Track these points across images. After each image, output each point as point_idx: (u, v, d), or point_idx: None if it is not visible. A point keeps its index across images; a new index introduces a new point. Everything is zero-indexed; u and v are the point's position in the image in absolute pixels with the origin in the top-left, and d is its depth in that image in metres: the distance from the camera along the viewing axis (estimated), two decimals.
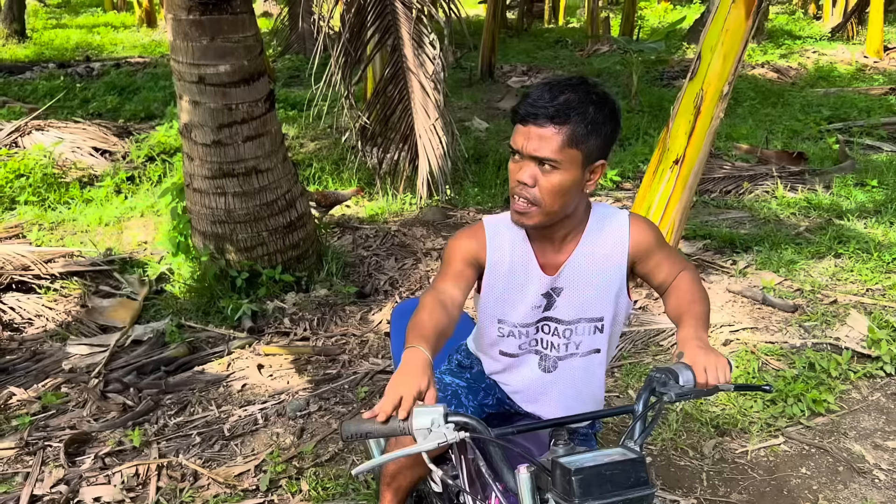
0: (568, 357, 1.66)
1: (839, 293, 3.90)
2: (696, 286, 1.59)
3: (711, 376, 1.35)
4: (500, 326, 1.67)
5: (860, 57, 12.15)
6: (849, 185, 5.61)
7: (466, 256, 1.62)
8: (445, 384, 1.83)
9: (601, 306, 1.62)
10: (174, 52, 3.52)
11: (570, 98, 1.44)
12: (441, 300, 1.54)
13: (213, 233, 3.84)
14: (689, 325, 1.47)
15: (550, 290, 1.61)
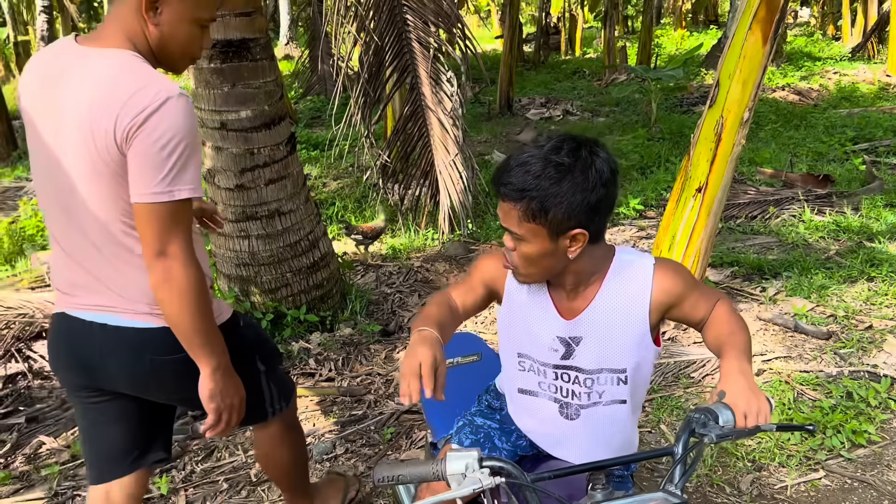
0: (591, 406, 1.62)
1: (874, 318, 3.80)
2: (732, 316, 1.55)
3: (751, 419, 1.30)
4: (521, 360, 1.66)
5: (882, 76, 12.05)
6: (878, 206, 5.51)
7: (486, 277, 1.66)
8: (477, 426, 1.79)
9: (623, 357, 1.58)
10: (196, 99, 3.59)
11: (526, 174, 1.41)
12: (449, 301, 1.61)
13: (237, 275, 3.86)
14: (731, 356, 1.42)
15: (569, 339, 1.58)
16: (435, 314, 1.51)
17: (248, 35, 3.48)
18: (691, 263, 3.79)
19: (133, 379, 1.73)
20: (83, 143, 1.52)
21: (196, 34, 1.63)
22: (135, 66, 1.54)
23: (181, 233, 1.54)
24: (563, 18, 20.36)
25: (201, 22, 1.63)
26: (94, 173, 1.54)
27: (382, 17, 5.15)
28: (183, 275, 1.55)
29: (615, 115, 10.24)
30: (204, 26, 1.64)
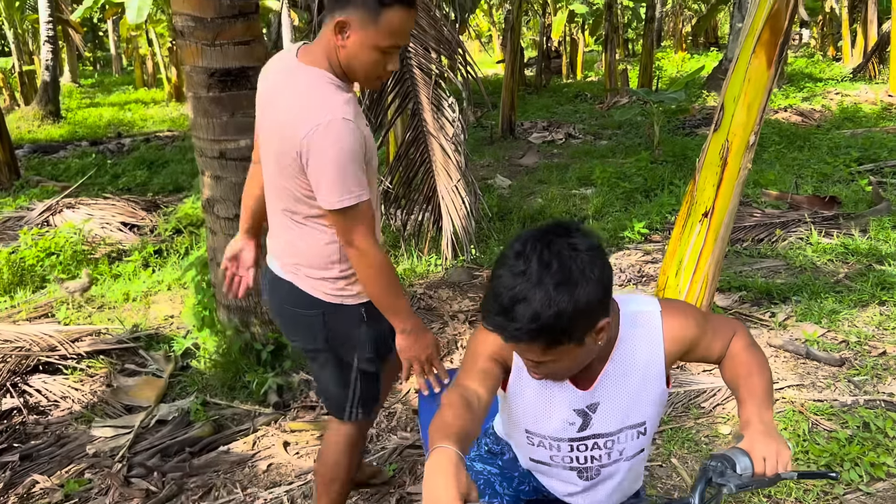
0: (612, 464, 1.54)
1: (888, 344, 3.71)
2: (750, 353, 1.48)
3: (770, 466, 1.24)
4: (529, 437, 1.54)
5: (884, 96, 12.04)
6: (886, 227, 5.44)
7: (493, 354, 1.48)
8: (477, 472, 1.71)
9: (642, 412, 1.50)
10: (195, 128, 3.56)
11: (530, 308, 1.23)
12: (467, 398, 1.39)
13: (237, 306, 3.80)
14: (750, 404, 1.36)
15: (586, 409, 1.48)
16: (454, 422, 1.31)
17: (247, 64, 3.46)
18: (699, 289, 3.72)
19: (285, 327, 2.25)
20: (278, 142, 1.88)
21: (378, 59, 1.83)
22: (320, 85, 1.85)
23: (360, 228, 1.87)
24: (563, 42, 20.49)
25: (382, 49, 1.81)
26: (281, 167, 1.91)
27: None
28: (363, 261, 1.90)
29: (618, 138, 10.23)
30: (386, 52, 1.82)
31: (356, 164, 1.82)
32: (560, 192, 7.32)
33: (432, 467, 1.20)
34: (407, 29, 1.81)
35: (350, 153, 1.80)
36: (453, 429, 1.28)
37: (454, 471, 1.18)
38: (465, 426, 1.31)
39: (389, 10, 1.74)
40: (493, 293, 1.27)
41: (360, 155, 1.83)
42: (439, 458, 1.20)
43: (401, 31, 1.79)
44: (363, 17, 1.76)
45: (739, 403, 1.39)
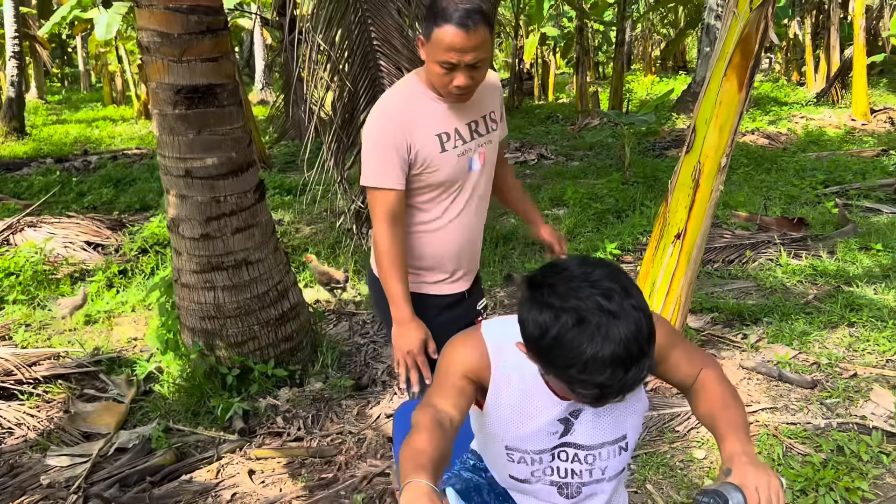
0: (593, 483, 1.49)
1: (858, 365, 3.72)
2: (722, 387, 1.44)
3: (764, 498, 1.20)
4: (510, 453, 1.48)
5: (848, 120, 12.31)
6: (853, 249, 5.50)
7: (467, 371, 1.43)
8: (465, 479, 1.64)
9: (623, 423, 1.46)
10: (160, 146, 3.47)
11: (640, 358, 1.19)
12: (438, 420, 1.34)
13: (202, 329, 3.69)
14: (732, 437, 1.32)
15: (569, 416, 1.43)
16: (426, 448, 1.26)
17: (214, 81, 3.39)
18: (672, 310, 3.70)
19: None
20: None
21: (439, 72, 1.97)
22: (400, 83, 2.18)
23: (376, 211, 2.07)
24: (535, 65, 20.69)
25: (439, 62, 1.95)
26: None
27: (356, 63, 5.10)
28: (374, 243, 2.12)
29: (589, 159, 10.29)
30: (444, 67, 1.95)
31: (380, 150, 2.05)
32: None
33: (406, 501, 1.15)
34: (456, 46, 1.91)
35: (375, 138, 2.06)
36: (425, 457, 1.23)
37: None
38: (437, 451, 1.27)
39: (438, 29, 1.91)
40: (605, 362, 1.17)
41: (389, 145, 2.04)
42: (414, 492, 1.16)
43: (449, 48, 1.91)
44: (426, 34, 1.97)
45: (720, 438, 1.35)
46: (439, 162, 2.10)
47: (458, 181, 2.16)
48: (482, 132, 2.19)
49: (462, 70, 1.95)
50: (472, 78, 1.99)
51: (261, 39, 20.38)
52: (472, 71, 1.97)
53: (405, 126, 2.05)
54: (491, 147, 2.24)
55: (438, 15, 1.92)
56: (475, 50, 1.92)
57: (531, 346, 1.26)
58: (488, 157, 2.22)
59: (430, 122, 2.08)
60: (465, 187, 2.18)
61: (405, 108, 2.08)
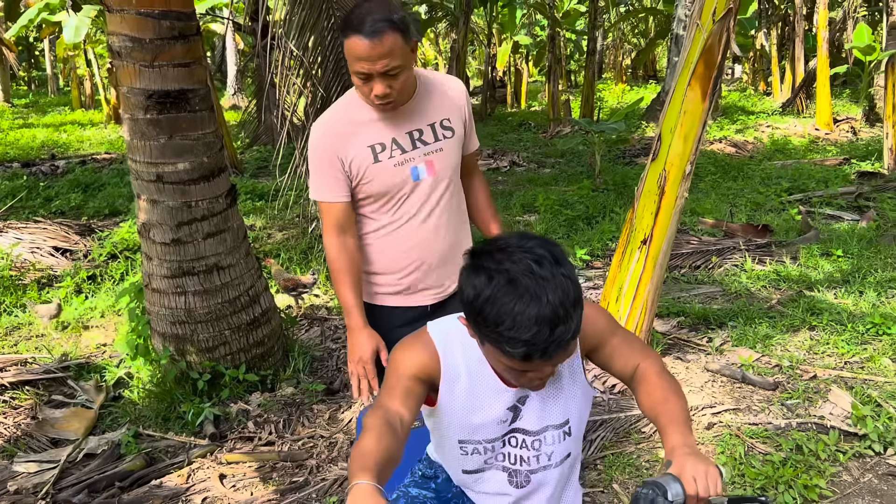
0: (541, 470, 1.54)
1: (818, 368, 3.83)
2: (664, 380, 1.48)
3: (701, 485, 1.25)
4: (463, 446, 1.53)
5: (812, 129, 12.60)
6: (815, 255, 5.65)
7: (417, 372, 1.47)
8: (412, 497, 1.69)
9: (566, 408, 1.51)
10: (131, 151, 3.46)
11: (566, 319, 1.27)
12: (389, 421, 1.38)
13: (172, 334, 3.68)
14: (673, 430, 1.37)
15: (517, 402, 1.49)
16: (374, 450, 1.29)
17: (186, 86, 3.40)
18: (639, 314, 3.78)
19: None
20: None
21: (358, 83, 2.00)
22: (340, 98, 2.19)
23: (324, 223, 2.15)
24: (508, 73, 20.86)
25: (357, 75, 1.97)
26: None
27: (328, 68, 5.13)
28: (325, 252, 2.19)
29: (560, 167, 10.40)
30: (359, 77, 1.97)
31: (318, 165, 2.13)
32: (504, 218, 7.38)
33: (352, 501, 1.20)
34: (362, 55, 1.91)
35: (312, 154, 2.14)
36: (371, 458, 1.28)
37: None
38: (385, 452, 1.30)
39: (347, 40, 1.93)
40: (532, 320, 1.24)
41: (323, 159, 2.11)
42: (359, 494, 1.21)
43: (358, 58, 1.92)
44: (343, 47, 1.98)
45: (661, 431, 1.40)
46: (373, 173, 2.10)
47: (398, 191, 2.14)
48: (427, 140, 2.16)
49: (377, 79, 1.95)
50: (391, 87, 1.97)
51: (233, 44, 20.27)
52: (388, 80, 1.96)
53: (336, 140, 2.09)
54: (442, 156, 2.19)
55: (346, 26, 1.93)
56: (384, 58, 1.91)
57: (467, 310, 1.33)
58: (441, 166, 2.18)
59: (363, 134, 2.10)
60: (412, 198, 2.16)
61: (338, 123, 2.11)
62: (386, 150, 2.11)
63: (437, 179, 2.18)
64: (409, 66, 2.01)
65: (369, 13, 1.91)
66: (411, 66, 2.03)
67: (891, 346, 4.00)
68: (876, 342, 4.10)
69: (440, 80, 2.25)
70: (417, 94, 2.14)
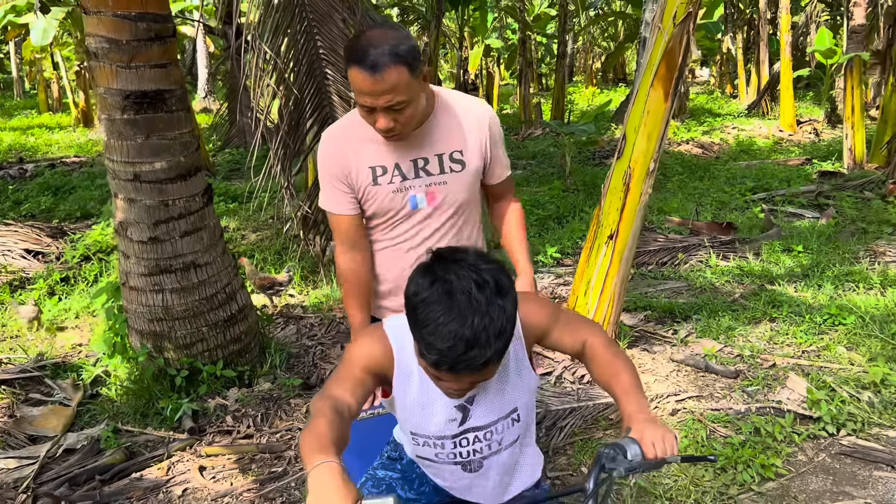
0: (492, 455, 1.63)
1: (777, 356, 4.00)
2: (611, 352, 1.58)
3: (659, 449, 1.37)
4: (415, 437, 1.61)
5: (776, 131, 12.93)
6: (777, 251, 5.85)
7: (370, 365, 1.53)
8: (379, 479, 1.78)
9: (514, 399, 1.60)
10: (108, 151, 3.51)
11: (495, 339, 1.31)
12: (337, 408, 1.42)
13: (150, 331, 3.73)
14: (628, 399, 1.48)
15: (465, 402, 1.56)
16: (328, 432, 1.33)
17: (163, 86, 3.46)
18: (606, 307, 3.91)
19: None
20: None
21: (362, 113, 1.92)
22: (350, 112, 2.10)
23: (334, 236, 2.13)
24: (480, 75, 21.03)
25: (361, 106, 1.88)
26: None
27: (302, 71, 5.20)
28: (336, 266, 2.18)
29: (532, 168, 10.56)
30: (366, 110, 1.87)
31: (325, 177, 2.08)
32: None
33: (320, 483, 1.22)
34: (364, 89, 1.80)
35: (319, 165, 2.09)
36: (326, 439, 1.32)
37: (341, 482, 1.23)
38: (337, 433, 1.35)
39: (350, 70, 1.82)
40: (451, 334, 1.29)
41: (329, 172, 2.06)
42: (323, 473, 1.24)
43: (360, 91, 1.82)
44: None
45: (617, 399, 1.51)
46: (372, 193, 2.05)
47: (395, 214, 2.08)
48: (431, 171, 2.04)
49: (381, 113, 1.85)
50: (395, 120, 1.87)
51: (203, 47, 20.16)
52: (393, 114, 1.86)
53: (342, 155, 2.03)
54: (446, 189, 2.06)
55: (349, 55, 1.81)
56: (387, 93, 1.79)
57: (406, 303, 1.39)
58: (443, 198, 2.07)
59: (366, 154, 2.03)
60: (407, 223, 2.08)
61: (344, 138, 2.05)
62: (386, 175, 2.03)
63: (437, 210, 2.08)
64: (417, 98, 1.89)
65: (372, 44, 1.78)
66: (419, 98, 1.91)
67: (846, 336, 4.19)
68: (832, 332, 4.28)
69: (462, 106, 2.08)
70: (432, 119, 2.02)
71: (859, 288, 4.99)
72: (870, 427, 3.28)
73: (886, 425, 3.29)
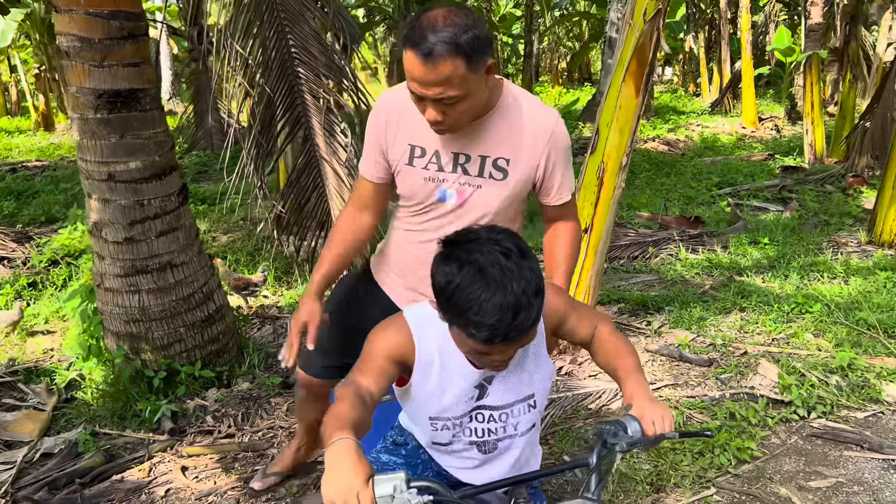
0: (507, 438, 1.67)
1: (748, 345, 4.10)
2: (617, 338, 1.67)
3: (658, 426, 1.43)
4: (434, 423, 1.64)
5: (738, 128, 13.21)
6: (744, 244, 5.99)
7: (392, 354, 1.55)
8: (383, 463, 1.80)
9: (530, 383, 1.64)
10: (81, 151, 3.47)
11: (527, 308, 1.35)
12: (360, 395, 1.45)
13: (126, 332, 3.69)
14: (630, 380, 1.56)
15: (483, 381, 1.60)
16: (348, 414, 1.37)
17: (137, 85, 3.43)
18: (582, 299, 3.97)
19: None
20: None
21: (414, 98, 1.76)
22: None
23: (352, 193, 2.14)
24: None
25: (412, 91, 1.74)
26: None
27: (273, 70, 5.18)
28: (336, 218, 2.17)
29: None
30: (416, 97, 1.74)
31: (368, 138, 2.01)
32: None
33: (335, 458, 1.26)
34: (416, 76, 1.67)
35: (368, 124, 2.01)
36: (348, 420, 1.35)
37: (356, 458, 1.26)
38: (358, 417, 1.39)
39: (405, 52, 1.68)
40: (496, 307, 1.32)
41: (371, 136, 1.99)
42: (339, 448, 1.27)
43: (411, 77, 1.69)
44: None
45: (620, 381, 1.59)
46: (404, 172, 1.95)
47: (420, 202, 1.98)
48: (471, 172, 1.90)
49: (430, 104, 1.71)
50: (444, 114, 1.72)
51: (167, 49, 19.91)
52: (443, 107, 1.71)
53: (388, 124, 1.94)
54: (480, 193, 1.92)
55: (406, 36, 1.67)
56: (439, 85, 1.65)
57: (438, 295, 1.42)
58: (473, 202, 1.93)
59: (412, 129, 1.91)
60: (431, 214, 1.98)
61: (396, 106, 1.94)
62: (424, 158, 1.92)
63: (464, 209, 1.94)
64: (473, 93, 1.72)
65: (432, 28, 1.63)
66: (477, 93, 1.74)
67: (812, 323, 4.32)
68: (799, 320, 4.41)
69: (527, 115, 1.90)
70: (491, 115, 1.87)
71: (824, 277, 5.14)
72: (838, 409, 3.39)
73: (854, 407, 3.40)
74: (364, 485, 1.22)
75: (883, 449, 3.07)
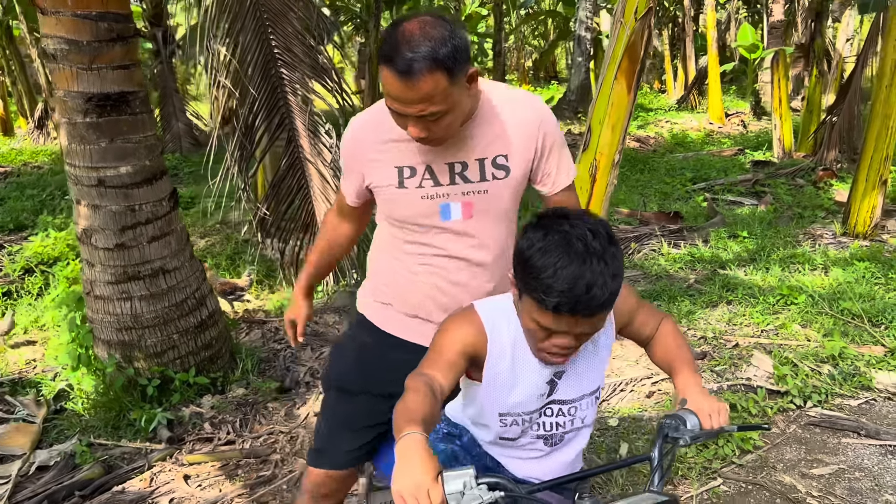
0: (574, 430, 1.69)
1: (738, 337, 4.17)
2: (677, 333, 1.71)
3: (715, 420, 1.47)
4: (503, 419, 1.64)
5: (706, 123, 13.43)
6: (723, 237, 6.09)
7: (464, 348, 1.54)
8: (440, 450, 1.78)
9: (598, 376, 1.67)
10: (69, 156, 3.38)
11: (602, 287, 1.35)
12: (430, 386, 1.43)
13: (118, 341, 3.61)
14: (685, 371, 1.59)
15: (553, 377, 1.61)
16: (418, 407, 1.36)
17: (126, 88, 3.36)
18: None
19: None
20: None
21: (394, 116, 1.65)
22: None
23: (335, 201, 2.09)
24: None
25: (392, 110, 1.63)
26: None
27: (256, 71, 5.11)
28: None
29: None
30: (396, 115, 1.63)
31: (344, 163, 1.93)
32: None
33: (406, 452, 1.27)
34: (394, 95, 1.56)
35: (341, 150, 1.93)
36: (418, 414, 1.35)
37: (426, 454, 1.26)
38: (429, 411, 1.38)
39: (381, 69, 1.56)
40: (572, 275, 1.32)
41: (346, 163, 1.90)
42: (410, 443, 1.28)
43: (389, 95, 1.58)
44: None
45: (675, 372, 1.62)
46: (395, 197, 1.80)
47: (419, 223, 1.81)
48: (471, 178, 1.77)
49: (412, 121, 1.60)
50: (429, 129, 1.62)
51: None
52: (426, 123, 1.60)
53: (361, 148, 1.82)
54: (487, 198, 1.78)
55: (381, 52, 1.55)
56: (420, 102, 1.54)
57: (517, 259, 1.42)
58: (483, 209, 1.79)
59: (394, 151, 1.77)
60: (436, 239, 1.81)
61: (368, 131, 1.81)
62: (415, 177, 1.77)
63: (477, 225, 1.80)
64: (458, 106, 1.62)
65: (408, 43, 1.51)
66: (460, 105, 1.63)
67: (799, 314, 4.41)
68: (786, 311, 4.50)
69: (512, 104, 1.80)
70: (475, 119, 1.75)
71: (804, 269, 5.25)
72: (833, 398, 3.47)
73: (848, 395, 3.48)
74: (434, 481, 1.21)
75: (879, 435, 3.15)
